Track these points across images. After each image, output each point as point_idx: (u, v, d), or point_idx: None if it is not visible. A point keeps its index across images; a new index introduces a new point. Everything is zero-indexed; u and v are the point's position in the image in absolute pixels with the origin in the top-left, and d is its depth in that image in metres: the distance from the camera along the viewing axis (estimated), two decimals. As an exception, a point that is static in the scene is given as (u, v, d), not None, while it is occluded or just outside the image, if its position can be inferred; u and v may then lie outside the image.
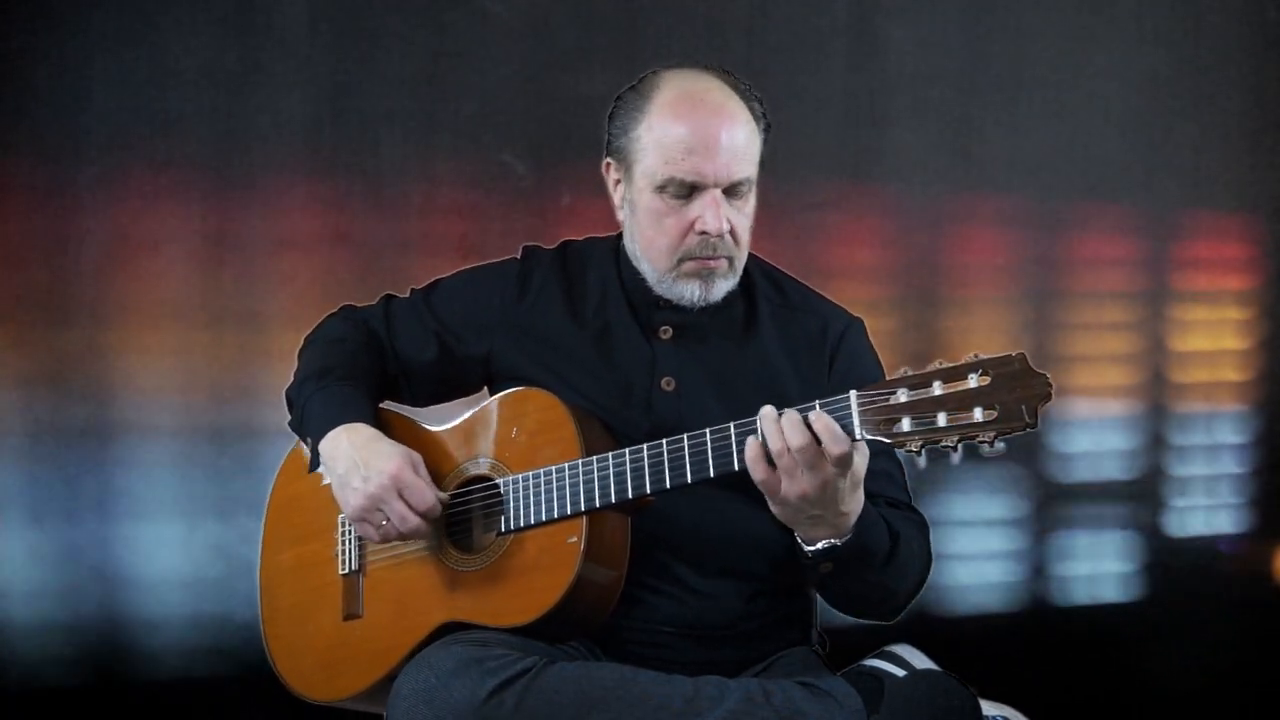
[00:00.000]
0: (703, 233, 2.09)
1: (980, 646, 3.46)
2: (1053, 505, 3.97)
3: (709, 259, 2.11)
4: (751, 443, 1.89)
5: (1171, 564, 4.05)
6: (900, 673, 2.01)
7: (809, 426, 1.86)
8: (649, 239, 2.15)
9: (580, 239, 2.31)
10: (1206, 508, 4.08)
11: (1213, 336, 4.09)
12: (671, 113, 2.09)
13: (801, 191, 3.77)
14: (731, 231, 2.10)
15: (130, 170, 3.47)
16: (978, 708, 1.95)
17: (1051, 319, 3.97)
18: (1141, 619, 4.01)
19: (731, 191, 2.10)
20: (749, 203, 2.13)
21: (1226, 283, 4.08)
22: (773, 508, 1.93)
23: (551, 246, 2.32)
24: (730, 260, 2.13)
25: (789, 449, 1.87)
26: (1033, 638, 3.88)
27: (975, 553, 3.92)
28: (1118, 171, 3.96)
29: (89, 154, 3.45)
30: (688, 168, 2.07)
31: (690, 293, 2.14)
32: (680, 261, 2.12)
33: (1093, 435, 3.98)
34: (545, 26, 3.64)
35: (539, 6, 3.64)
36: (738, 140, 2.08)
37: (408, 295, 2.34)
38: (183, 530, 3.45)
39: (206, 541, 3.44)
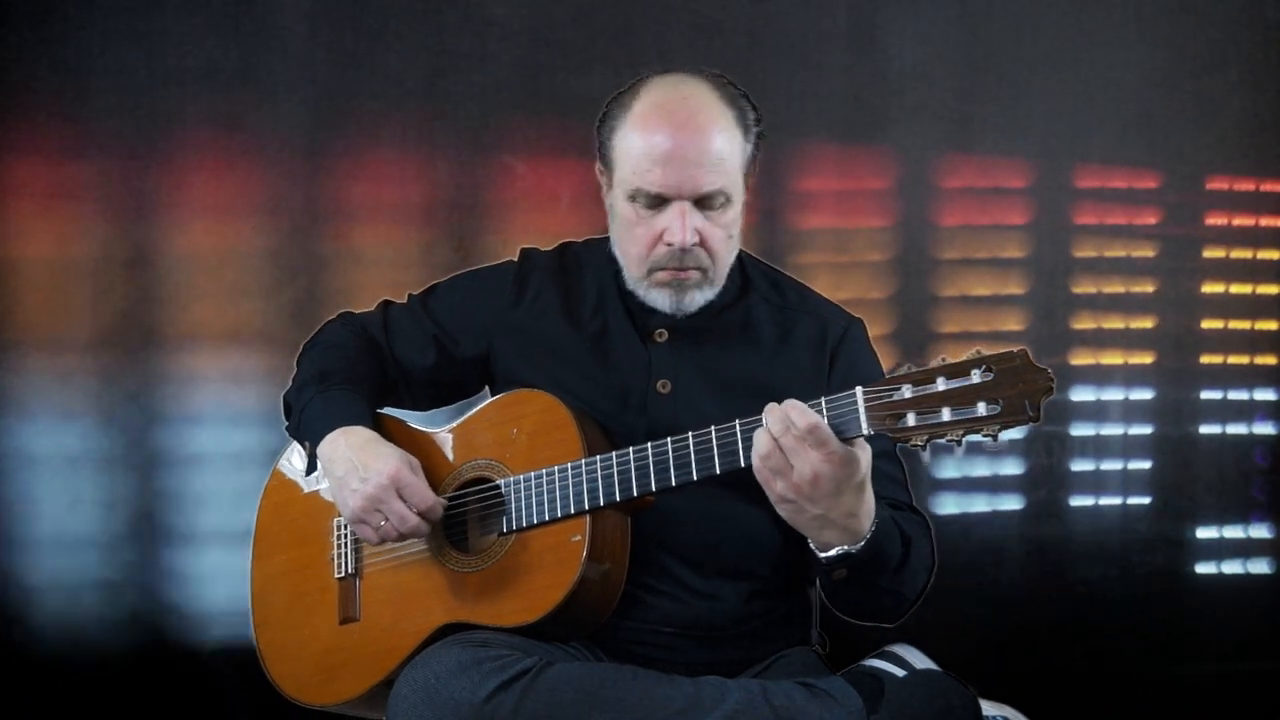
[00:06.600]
0: (670, 244, 2.09)
1: (981, 646, 3.47)
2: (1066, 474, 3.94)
3: (679, 270, 2.11)
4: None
5: (1193, 541, 3.99)
6: (900, 673, 2.01)
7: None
8: (624, 246, 2.16)
9: (579, 241, 2.32)
10: (1234, 476, 4.01)
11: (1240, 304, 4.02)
12: (642, 123, 2.08)
13: (800, 188, 3.77)
14: (703, 243, 2.09)
15: (130, 170, 3.48)
16: (978, 708, 1.95)
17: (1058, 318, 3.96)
18: (1160, 602, 3.97)
19: (704, 202, 2.08)
20: (727, 213, 2.10)
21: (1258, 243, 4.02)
22: (779, 511, 1.94)
23: (550, 248, 2.32)
24: (704, 271, 2.12)
25: (777, 444, 1.87)
26: (1037, 625, 3.87)
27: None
28: (1117, 171, 3.95)
29: (89, 154, 3.46)
30: (654, 179, 2.07)
31: (662, 302, 2.14)
32: (651, 271, 2.13)
33: (1107, 415, 3.96)
34: (545, 26, 3.64)
35: (539, 6, 3.64)
36: (708, 152, 2.06)
37: (405, 301, 2.35)
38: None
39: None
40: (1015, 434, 3.81)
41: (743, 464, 1.95)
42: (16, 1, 3.41)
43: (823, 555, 1.96)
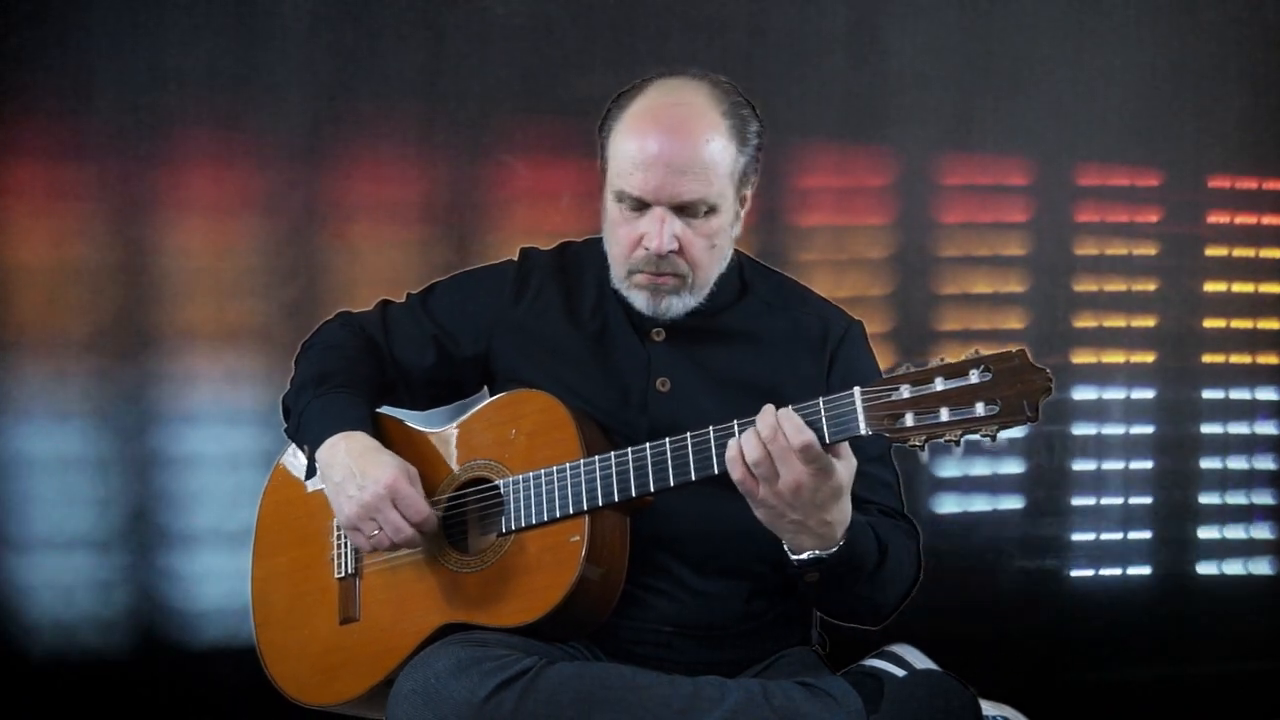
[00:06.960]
0: (648, 248, 2.09)
1: (980, 646, 3.46)
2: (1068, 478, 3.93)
3: (655, 275, 2.11)
4: (732, 444, 1.90)
5: (1196, 541, 3.98)
6: (900, 673, 2.01)
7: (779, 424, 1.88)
8: (609, 246, 2.17)
9: (579, 240, 2.32)
10: (1239, 476, 3.99)
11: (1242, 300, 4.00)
12: (631, 126, 2.09)
13: (800, 186, 3.77)
14: (683, 250, 2.09)
15: (130, 170, 3.47)
16: (978, 708, 1.95)
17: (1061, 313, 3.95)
18: (1161, 602, 3.96)
19: (686, 210, 2.08)
20: (710, 222, 2.10)
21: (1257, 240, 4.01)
22: (755, 512, 1.94)
23: (550, 247, 2.32)
24: (683, 278, 2.11)
25: (766, 450, 1.87)
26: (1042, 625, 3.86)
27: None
28: (1118, 169, 3.95)
29: (89, 154, 3.46)
30: (635, 182, 2.07)
31: (641, 304, 2.14)
32: (630, 273, 2.13)
33: (1108, 413, 3.95)
34: (545, 26, 3.64)
35: (539, 6, 3.64)
36: (694, 159, 2.05)
37: (404, 300, 2.34)
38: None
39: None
40: (1015, 433, 3.79)
41: None
42: (16, 1, 3.41)
43: (795, 558, 1.97)
